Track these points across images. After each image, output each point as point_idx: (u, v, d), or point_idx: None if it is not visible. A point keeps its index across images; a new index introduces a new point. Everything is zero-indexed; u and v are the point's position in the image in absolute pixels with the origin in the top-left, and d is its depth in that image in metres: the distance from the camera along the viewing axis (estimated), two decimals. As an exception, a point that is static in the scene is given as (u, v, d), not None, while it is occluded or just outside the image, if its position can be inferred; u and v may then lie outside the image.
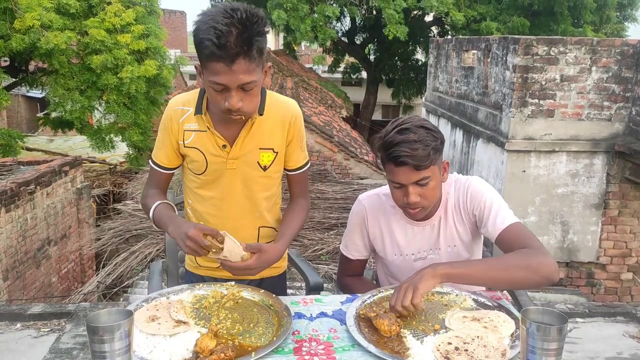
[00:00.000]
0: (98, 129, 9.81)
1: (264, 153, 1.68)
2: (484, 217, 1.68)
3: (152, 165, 1.75)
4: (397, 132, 1.58)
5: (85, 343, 3.38)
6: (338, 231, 6.29)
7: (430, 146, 1.56)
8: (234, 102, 1.47)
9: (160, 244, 6.09)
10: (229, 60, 1.39)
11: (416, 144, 1.55)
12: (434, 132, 1.61)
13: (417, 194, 1.61)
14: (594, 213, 6.32)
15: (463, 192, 1.74)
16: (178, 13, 31.71)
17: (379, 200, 1.82)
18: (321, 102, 13.06)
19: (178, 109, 1.67)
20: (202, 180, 1.71)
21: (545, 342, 1.14)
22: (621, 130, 6.10)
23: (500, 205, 1.68)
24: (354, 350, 1.34)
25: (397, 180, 1.61)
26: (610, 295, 6.54)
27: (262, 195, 1.75)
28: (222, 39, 1.37)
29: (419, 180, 1.59)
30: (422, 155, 1.55)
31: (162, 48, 9.80)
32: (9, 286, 6.09)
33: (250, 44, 1.40)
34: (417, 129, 1.58)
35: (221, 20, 1.38)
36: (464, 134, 7.85)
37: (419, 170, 1.57)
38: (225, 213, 1.74)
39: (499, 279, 1.52)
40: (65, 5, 8.61)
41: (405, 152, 1.54)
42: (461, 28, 13.05)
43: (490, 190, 1.72)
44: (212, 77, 1.44)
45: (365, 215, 1.83)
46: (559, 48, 5.94)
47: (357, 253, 1.91)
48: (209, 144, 1.65)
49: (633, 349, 3.60)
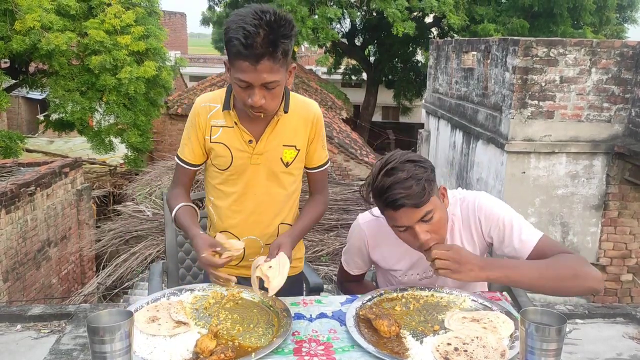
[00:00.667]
0: (98, 130, 9.81)
1: (287, 150, 1.74)
2: (506, 238, 1.61)
3: (178, 161, 1.81)
4: (384, 174, 1.50)
5: (86, 344, 3.38)
6: (338, 232, 6.30)
7: (423, 179, 1.49)
8: (257, 99, 1.54)
9: (161, 245, 6.09)
10: (254, 60, 1.46)
11: (408, 181, 1.48)
12: (421, 162, 1.54)
13: (426, 231, 1.53)
14: (593, 214, 6.32)
15: (473, 213, 1.67)
16: (178, 14, 31.71)
17: (379, 225, 1.73)
18: (321, 104, 13.08)
19: (205, 106, 1.74)
20: (225, 175, 1.76)
21: (544, 343, 1.14)
22: (621, 132, 6.11)
23: (520, 221, 1.62)
24: (353, 350, 1.35)
25: (400, 224, 1.53)
26: (610, 296, 6.54)
27: (283, 192, 1.79)
28: (249, 39, 1.44)
29: (423, 217, 1.52)
30: (418, 191, 1.48)
31: (162, 49, 9.82)
32: (9, 287, 6.09)
33: (275, 45, 1.47)
34: (403, 165, 1.50)
35: (250, 21, 1.44)
36: (464, 136, 7.86)
37: (419, 208, 1.50)
38: (247, 208, 1.78)
39: (548, 287, 1.49)
40: (65, 6, 8.63)
41: (400, 194, 1.47)
42: (461, 29, 13.07)
43: (503, 207, 1.66)
44: (237, 75, 1.52)
45: (366, 241, 1.79)
46: (559, 49, 5.94)
47: (358, 270, 1.92)
48: (235, 139, 1.71)
49: (633, 350, 3.60)
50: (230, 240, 1.59)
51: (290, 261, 1.60)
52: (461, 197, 1.70)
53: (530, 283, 1.47)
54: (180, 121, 13.10)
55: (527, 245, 1.57)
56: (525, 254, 1.57)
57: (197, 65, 24.47)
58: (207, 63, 26.20)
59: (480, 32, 12.41)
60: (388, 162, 1.52)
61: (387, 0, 12.28)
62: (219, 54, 32.26)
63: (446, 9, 12.27)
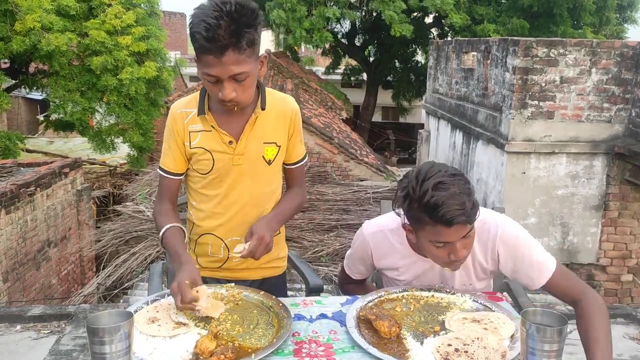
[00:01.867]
0: (98, 130, 9.81)
1: (268, 147, 1.72)
2: (525, 268, 1.59)
3: (161, 173, 1.76)
4: (434, 188, 1.42)
5: (85, 345, 3.37)
6: (338, 233, 6.29)
7: (472, 194, 1.46)
8: (227, 92, 1.51)
9: (160, 245, 6.08)
10: (218, 53, 1.44)
11: (461, 197, 1.42)
12: (463, 176, 1.49)
13: (463, 247, 1.50)
14: (593, 215, 6.32)
15: (493, 241, 1.61)
16: (178, 15, 31.71)
17: (385, 237, 1.71)
18: (321, 104, 13.07)
19: (182, 112, 1.70)
20: (207, 179, 1.73)
21: (545, 344, 1.14)
22: (621, 132, 6.10)
23: (539, 252, 1.59)
24: (353, 351, 1.34)
25: (447, 240, 1.47)
26: (611, 296, 6.53)
27: (265, 189, 1.78)
28: (210, 32, 1.41)
29: (467, 234, 1.48)
30: (470, 207, 1.43)
31: (162, 50, 9.82)
32: (9, 288, 6.09)
33: (239, 35, 1.44)
34: (452, 180, 1.44)
35: (211, 13, 1.42)
36: (464, 136, 7.86)
37: (471, 224, 1.47)
38: (231, 209, 1.76)
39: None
40: (65, 7, 8.63)
41: (458, 210, 1.41)
42: (461, 30, 13.06)
43: (525, 237, 1.61)
44: (204, 69, 1.49)
45: (370, 252, 1.75)
46: (559, 50, 5.94)
47: (360, 275, 1.91)
48: (215, 142, 1.68)
49: (633, 351, 3.59)
50: (212, 300, 1.48)
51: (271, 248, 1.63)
52: (481, 218, 1.55)
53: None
54: (180, 122, 13.06)
55: (544, 277, 1.56)
56: (539, 286, 1.58)
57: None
58: (207, 63, 26.12)
59: (480, 33, 12.41)
60: (433, 175, 1.45)
61: (385, 2, 12.28)
62: (219, 54, 32.19)
63: (447, 8, 12.27)
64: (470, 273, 1.69)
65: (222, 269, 1.83)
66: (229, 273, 1.83)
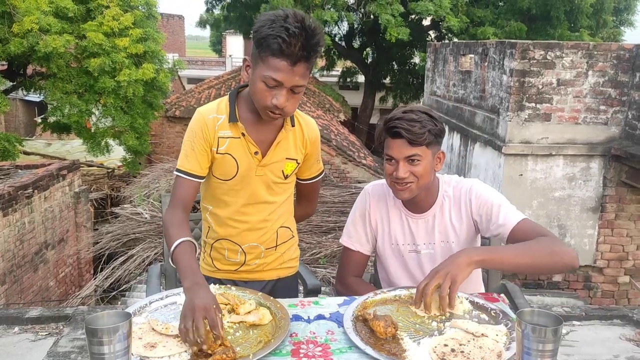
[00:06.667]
0: (93, 133, 9.79)
1: (289, 162, 1.77)
2: (493, 216, 1.73)
3: (181, 175, 1.68)
4: (401, 111, 1.70)
5: (83, 347, 3.37)
6: (336, 235, 6.30)
7: (427, 127, 1.66)
8: (282, 100, 1.54)
9: (159, 247, 6.09)
10: (292, 61, 1.48)
11: (415, 122, 1.65)
12: (436, 119, 1.70)
13: (407, 170, 1.68)
14: (590, 216, 6.34)
15: (465, 194, 1.79)
16: (176, 17, 31.76)
17: (382, 189, 1.89)
18: (319, 106, 13.10)
19: (212, 117, 1.70)
20: (228, 185, 1.75)
21: (541, 344, 1.15)
22: (617, 134, 6.13)
23: (508, 204, 1.74)
24: (351, 352, 1.35)
25: (390, 154, 1.70)
26: (607, 298, 6.55)
27: (281, 199, 1.83)
28: (292, 39, 1.46)
29: (411, 156, 1.67)
30: (418, 132, 1.64)
31: (160, 52, 9.82)
32: (7, 290, 6.08)
33: (313, 51, 1.51)
34: (420, 113, 1.69)
35: (293, 23, 1.46)
36: (462, 138, 7.87)
37: (412, 146, 1.66)
38: (248, 217, 1.79)
39: (527, 265, 1.58)
40: (63, 9, 8.61)
41: (402, 126, 1.64)
42: (459, 32, 13.10)
43: (494, 192, 1.79)
44: (269, 73, 1.50)
45: (369, 201, 1.89)
46: (556, 52, 5.96)
47: (359, 245, 1.91)
48: (242, 150, 1.70)
49: (630, 352, 3.61)
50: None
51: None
52: (457, 180, 1.84)
53: (510, 262, 1.55)
54: (178, 124, 13.09)
55: (510, 222, 1.68)
56: (507, 232, 1.68)
57: (195, 68, 24.47)
58: (205, 65, 26.21)
59: (478, 35, 12.44)
60: (411, 106, 1.73)
61: (382, 5, 12.31)
62: (216, 56, 32.27)
63: (442, 13, 12.30)
64: (448, 230, 1.81)
65: (239, 272, 1.87)
66: (245, 275, 1.87)
